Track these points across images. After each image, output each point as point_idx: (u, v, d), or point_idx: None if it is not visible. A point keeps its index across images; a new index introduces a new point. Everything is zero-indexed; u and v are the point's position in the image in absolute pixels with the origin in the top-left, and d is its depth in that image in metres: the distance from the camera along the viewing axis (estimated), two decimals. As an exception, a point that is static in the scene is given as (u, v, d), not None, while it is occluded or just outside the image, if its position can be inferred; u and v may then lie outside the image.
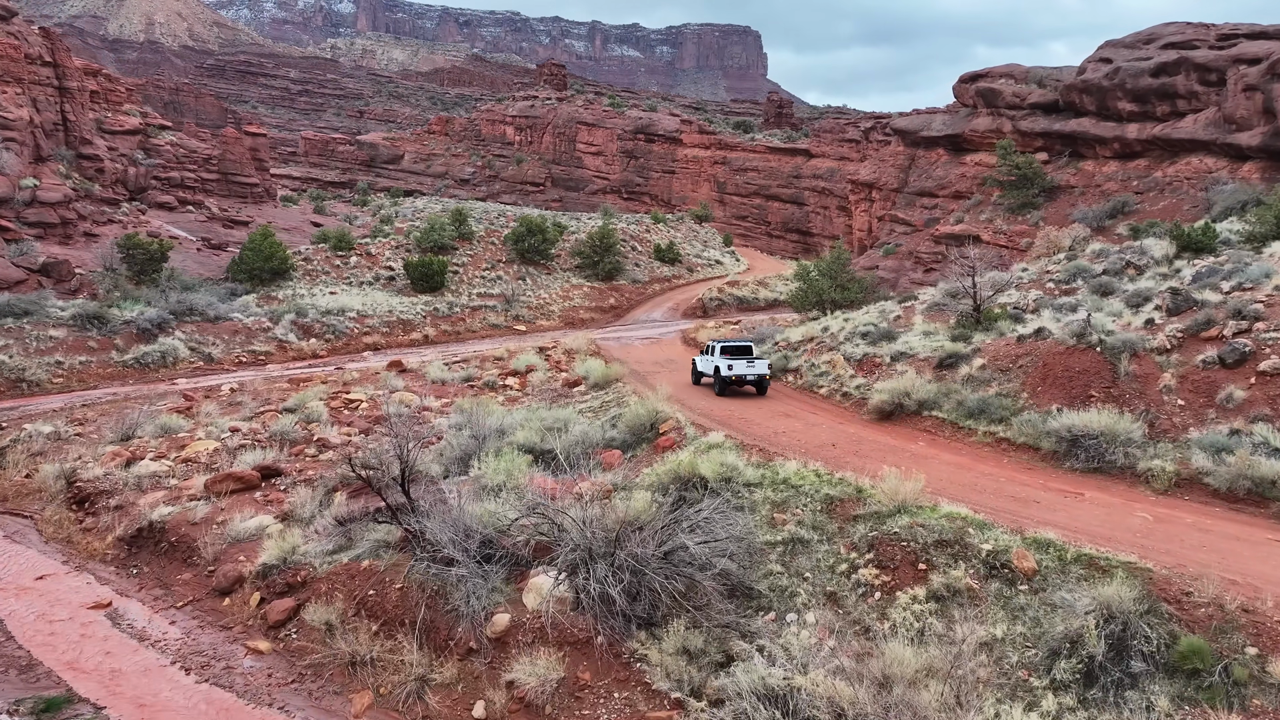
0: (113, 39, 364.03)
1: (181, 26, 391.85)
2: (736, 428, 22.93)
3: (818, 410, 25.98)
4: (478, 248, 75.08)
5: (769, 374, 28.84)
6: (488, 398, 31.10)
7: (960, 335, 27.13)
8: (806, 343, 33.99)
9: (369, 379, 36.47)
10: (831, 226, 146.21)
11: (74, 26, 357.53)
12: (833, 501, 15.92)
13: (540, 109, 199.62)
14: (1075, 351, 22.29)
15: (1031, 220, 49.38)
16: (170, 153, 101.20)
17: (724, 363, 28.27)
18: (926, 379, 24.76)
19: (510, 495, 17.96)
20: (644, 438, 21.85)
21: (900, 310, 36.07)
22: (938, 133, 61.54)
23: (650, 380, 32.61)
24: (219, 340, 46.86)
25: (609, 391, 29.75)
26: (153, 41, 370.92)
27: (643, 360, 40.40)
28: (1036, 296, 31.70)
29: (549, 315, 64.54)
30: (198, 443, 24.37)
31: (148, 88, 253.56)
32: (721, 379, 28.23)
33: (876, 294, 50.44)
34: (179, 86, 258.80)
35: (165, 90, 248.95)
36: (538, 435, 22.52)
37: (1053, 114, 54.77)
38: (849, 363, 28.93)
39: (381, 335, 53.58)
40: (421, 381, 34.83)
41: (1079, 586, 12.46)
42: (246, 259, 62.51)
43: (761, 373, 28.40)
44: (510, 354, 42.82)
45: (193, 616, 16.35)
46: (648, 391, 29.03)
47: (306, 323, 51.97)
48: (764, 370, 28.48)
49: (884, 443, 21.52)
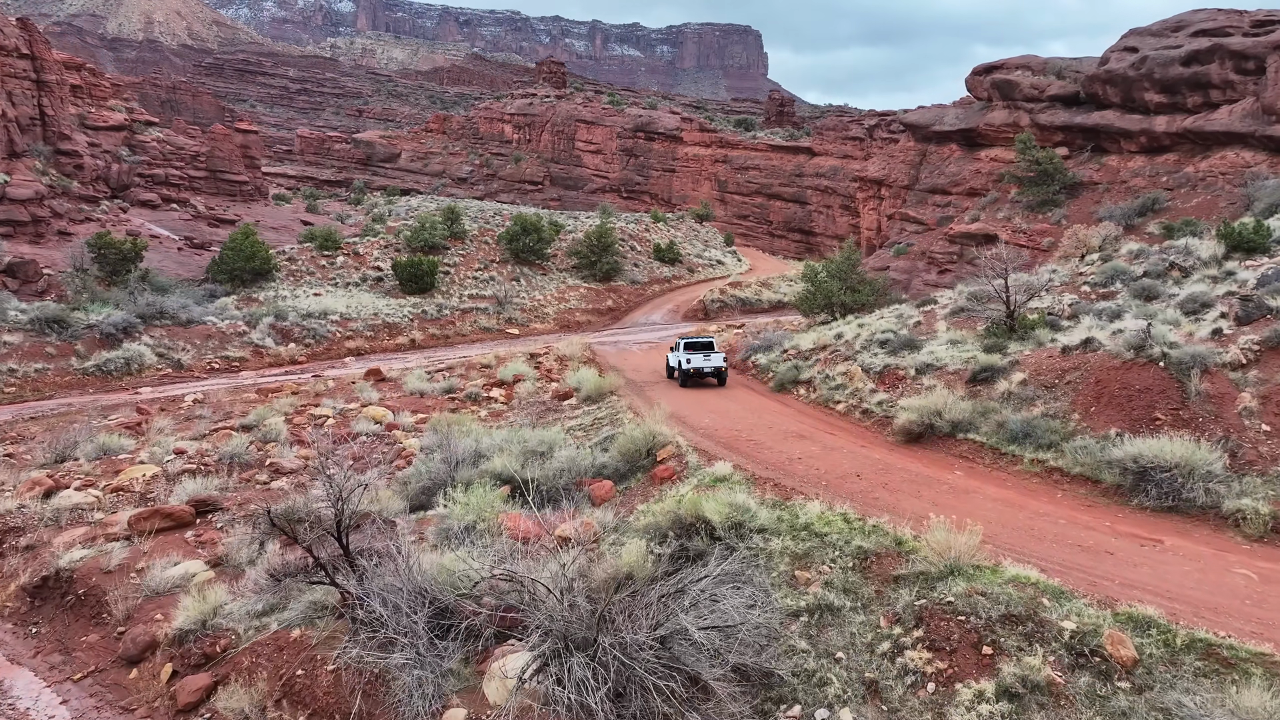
0: (111, 38, 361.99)
1: (180, 25, 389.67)
2: (745, 453, 20.10)
3: (835, 430, 23.14)
4: (470, 247, 72.26)
5: (724, 367, 31.67)
6: (468, 413, 28.28)
7: (994, 345, 24.28)
8: (819, 351, 31.17)
9: (343, 389, 33.65)
10: (834, 226, 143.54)
11: (72, 25, 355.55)
12: (867, 556, 13.08)
13: (539, 107, 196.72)
14: (1134, 366, 19.45)
15: (1053, 218, 46.55)
16: (156, 150, 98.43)
17: (685, 357, 31.45)
18: (959, 395, 21.92)
19: (480, 540, 15.15)
20: (639, 466, 19.01)
21: (919, 315, 33.23)
22: (950, 127, 58.71)
23: (648, 393, 29.80)
24: (190, 345, 44.03)
25: (602, 406, 26.92)
26: (151, 40, 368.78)
27: (640, 368, 37.59)
28: (1072, 301, 28.87)
29: (543, 318, 61.72)
30: (136, 467, 21.53)
31: (144, 86, 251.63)
32: (683, 371, 31.32)
33: (889, 296, 47.64)
34: (176, 85, 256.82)
35: (162, 89, 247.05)
36: (518, 461, 19.70)
37: (1073, 106, 51.93)
38: (868, 375, 26.09)
39: (365, 339, 50.76)
40: (399, 392, 32.00)
41: (1199, 687, 9.63)
42: (226, 259, 59.75)
43: (717, 365, 31.33)
44: (498, 361, 40.00)
45: (91, 693, 13.50)
46: (644, 406, 26.23)
47: (285, 326, 49.16)
48: (719, 363, 31.42)
49: (916, 472, 18.68)
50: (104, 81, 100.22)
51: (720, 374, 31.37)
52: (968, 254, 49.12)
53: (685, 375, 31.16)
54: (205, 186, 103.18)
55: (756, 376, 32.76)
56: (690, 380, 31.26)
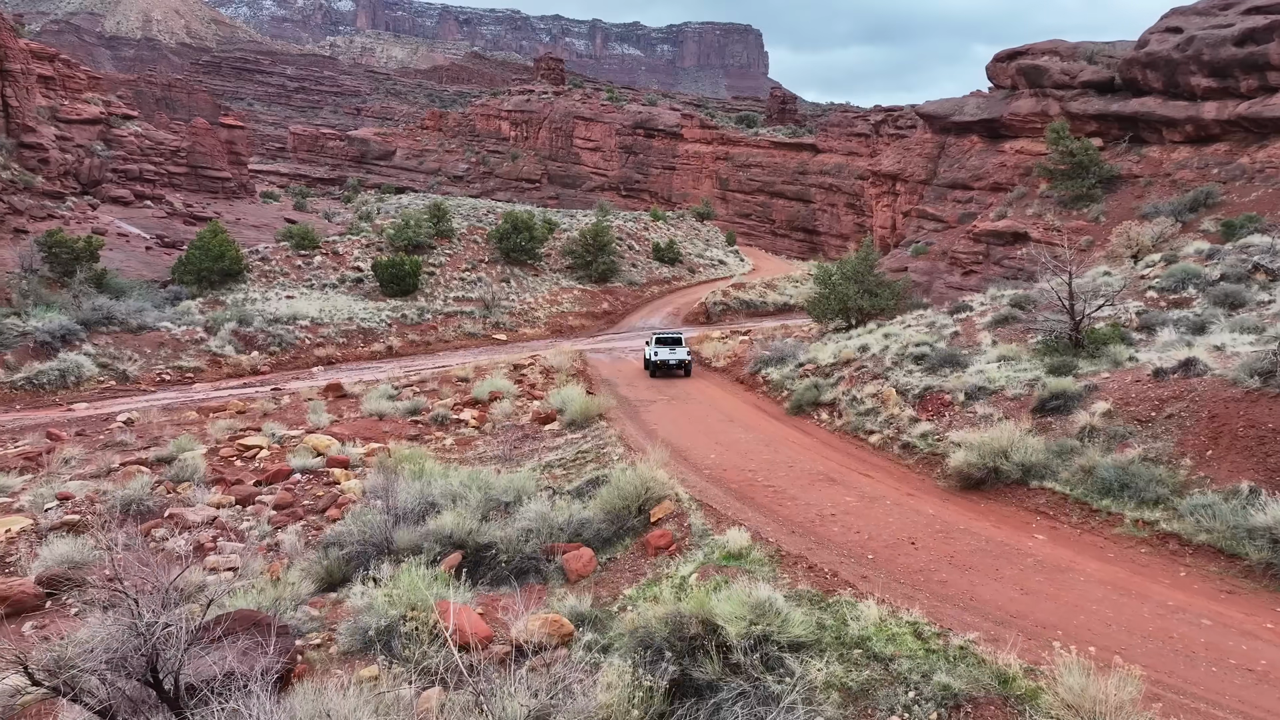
0: (110, 36, 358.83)
1: (179, 24, 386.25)
2: (763, 506, 15.89)
3: (872, 469, 18.91)
4: (458, 246, 68.04)
5: (689, 360, 34.22)
6: (432, 441, 24.06)
7: (1060, 365, 20.04)
8: (841, 366, 26.94)
9: (295, 408, 29.41)
10: (839, 225, 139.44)
11: (70, 24, 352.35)
12: (958, 702, 8.84)
13: (536, 103, 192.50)
14: (1262, 399, 15.22)
15: (1090, 215, 42.34)
16: (134, 144, 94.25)
17: (654, 350, 34.48)
18: (1024, 428, 17.67)
19: (405, 647, 10.95)
20: (629, 527, 14.77)
21: (955, 324, 29.01)
22: (971, 117, 54.48)
23: (643, 415, 25.58)
24: (139, 354, 39.82)
25: (588, 434, 22.69)
26: (150, 39, 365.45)
27: (635, 382, 33.37)
28: (1139, 310, 24.65)
29: (534, 322, 57.49)
30: (3, 519, 17.29)
31: (139, 83, 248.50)
32: (652, 364, 34.06)
33: (909, 300, 43.45)
34: (171, 82, 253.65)
35: (157, 86, 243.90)
36: (476, 515, 15.54)
37: (1108, 93, 47.70)
38: (905, 399, 21.86)
39: (336, 347, 46.52)
40: (357, 413, 27.76)
41: None
42: (193, 259, 55.52)
43: (681, 358, 33.98)
44: (478, 373, 35.77)
45: None
46: (637, 433, 22.02)
47: (249, 333, 44.95)
48: (684, 356, 34.12)
49: (985, 536, 14.46)
50: (79, 73, 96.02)
51: (685, 365, 34.16)
52: (994, 254, 44.93)
53: (654, 367, 34.23)
54: (186, 183, 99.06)
55: (769, 394, 28.56)
56: (659, 371, 34.16)
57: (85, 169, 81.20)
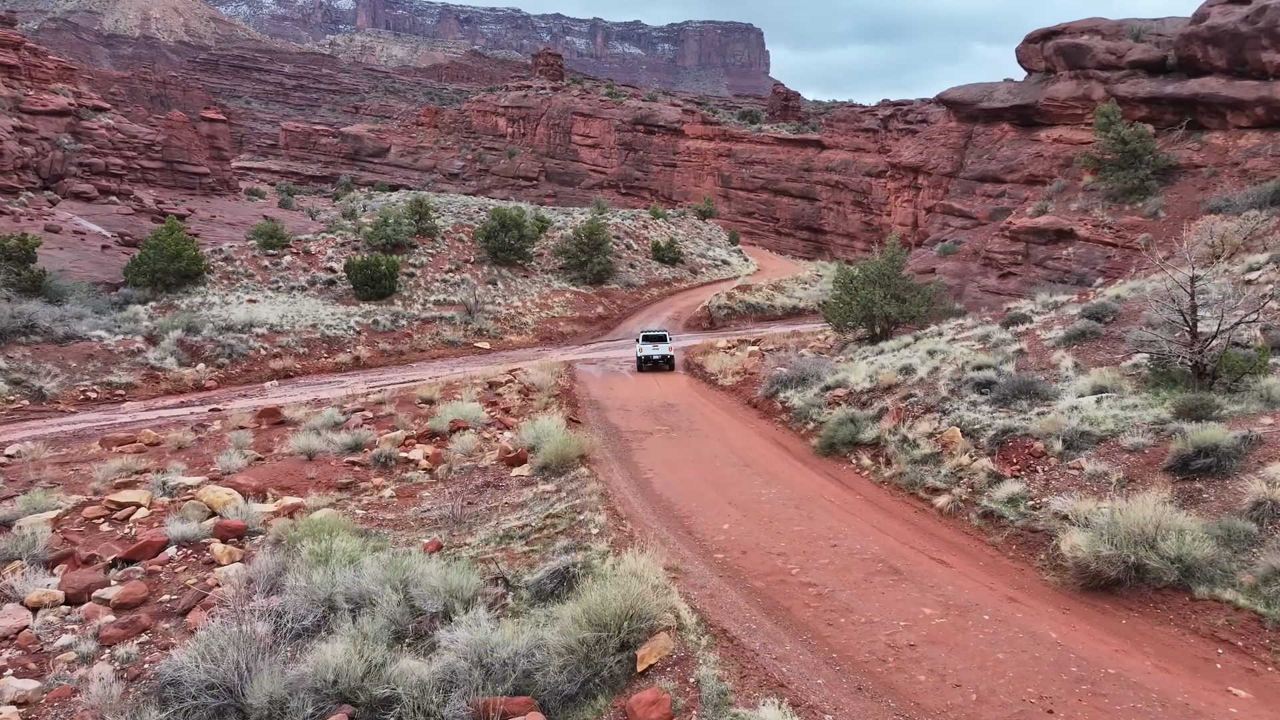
0: (108, 34, 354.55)
1: (178, 22, 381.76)
2: (807, 624, 10.76)
3: (946, 550, 13.75)
4: (442, 245, 62.90)
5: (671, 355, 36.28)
6: (367, 493, 18.95)
7: (1195, 405, 14.88)
8: (880, 393, 21.80)
9: (218, 442, 24.27)
10: (846, 224, 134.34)
11: (68, 22, 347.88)
12: None
13: (534, 99, 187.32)
14: None
15: (1146, 210, 37.19)
16: (104, 137, 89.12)
17: (641, 347, 36.33)
18: (1163, 497, 12.49)
19: None
20: (603, 675, 9.63)
21: (1015, 339, 23.87)
22: (1002, 103, 49.38)
23: (636, 457, 20.47)
24: (61, 369, 34.72)
25: (563, 486, 17.56)
26: (148, 37, 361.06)
27: (629, 406, 28.24)
28: (1265, 326, 19.50)
29: (520, 328, 52.34)
30: None
31: (133, 80, 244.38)
32: (638, 359, 36.16)
33: (942, 306, 38.30)
34: (166, 79, 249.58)
35: (152, 83, 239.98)
36: (383, 640, 10.54)
37: (1160, 74, 42.62)
38: (975, 444, 16.72)
39: (296, 358, 41.40)
40: (286, 448, 22.61)
41: None
42: (146, 259, 50.37)
43: (664, 354, 36.16)
44: (446, 392, 30.64)
45: None
46: (625, 490, 16.97)
47: (196, 342, 39.86)
48: (666, 352, 36.18)
49: (1152, 690, 9.32)
50: (47, 63, 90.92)
51: (669, 360, 36.43)
52: (1035, 254, 39.81)
53: (640, 363, 36.34)
54: (161, 178, 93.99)
55: (789, 426, 23.42)
56: (646, 367, 36.25)
57: (48, 162, 76.12)
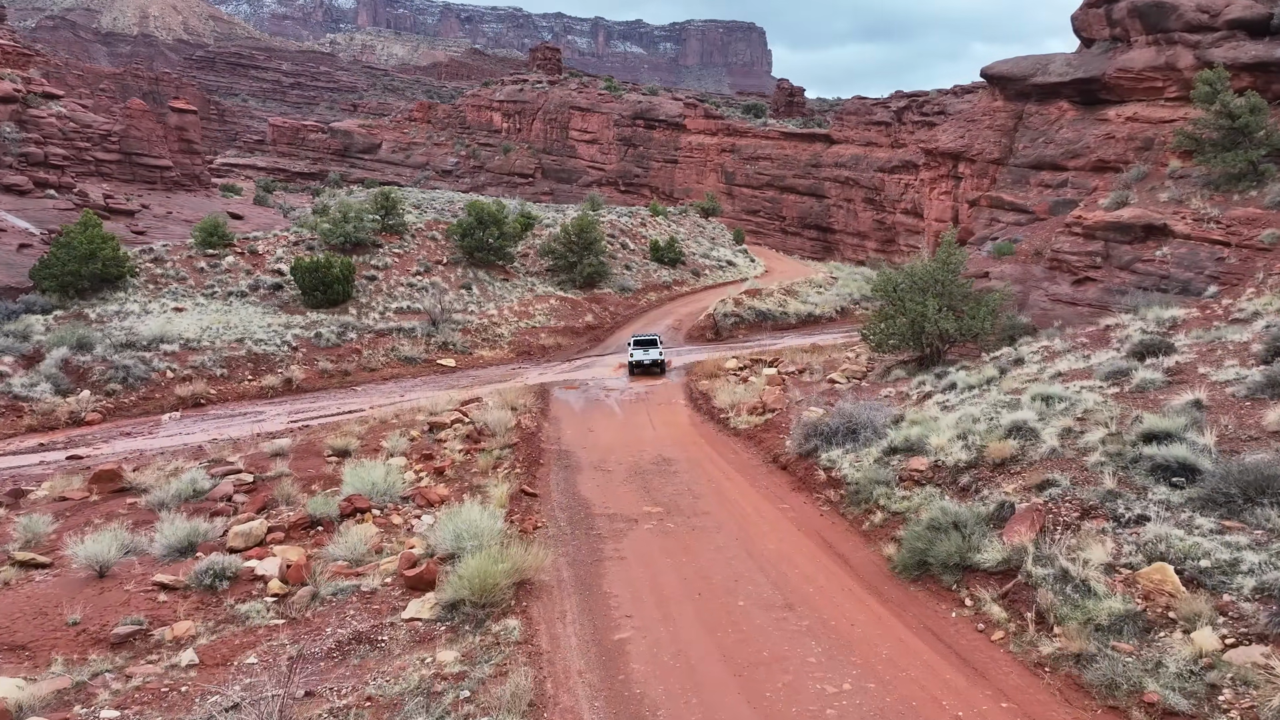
0: (106, 32, 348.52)
1: (176, 20, 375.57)
2: None
3: None
4: (410, 244, 55.42)
5: (661, 359, 37.02)
6: (158, 661, 11.43)
7: None
8: (989, 470, 14.17)
9: (5, 527, 16.70)
10: (856, 222, 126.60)
11: (66, 19, 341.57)
12: None
13: (530, 93, 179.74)
14: None
15: (1265, 200, 29.69)
16: (53, 126, 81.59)
17: (632, 352, 37.28)
18: None
19: None
20: None
21: (1169, 379, 16.22)
22: (1059, 78, 41.87)
23: (605, 588, 12.85)
24: (-109, 399, 27.22)
25: (475, 663, 9.92)
26: (147, 35, 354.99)
27: (610, 462, 20.60)
28: None
29: (494, 341, 44.72)
30: None
31: (125, 77, 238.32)
32: (630, 364, 37.04)
33: (1008, 320, 30.70)
34: (160, 76, 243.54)
35: (145, 80, 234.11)
36: None
37: (1264, 36, 35.20)
38: (1213, 601, 9.09)
39: (211, 381, 33.80)
40: (82, 543, 15.03)
41: None
42: (55, 260, 42.96)
43: (655, 358, 36.85)
44: (370, 436, 23.03)
45: None
46: (577, 673, 9.26)
47: (85, 363, 32.36)
48: (656, 356, 36.92)
49: None
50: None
51: (659, 364, 36.70)
52: (1117, 254, 32.25)
53: (632, 367, 36.64)
54: (117, 171, 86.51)
55: (838, 508, 15.78)
56: (636, 372, 36.56)
57: (-19, 153, 68.65)
